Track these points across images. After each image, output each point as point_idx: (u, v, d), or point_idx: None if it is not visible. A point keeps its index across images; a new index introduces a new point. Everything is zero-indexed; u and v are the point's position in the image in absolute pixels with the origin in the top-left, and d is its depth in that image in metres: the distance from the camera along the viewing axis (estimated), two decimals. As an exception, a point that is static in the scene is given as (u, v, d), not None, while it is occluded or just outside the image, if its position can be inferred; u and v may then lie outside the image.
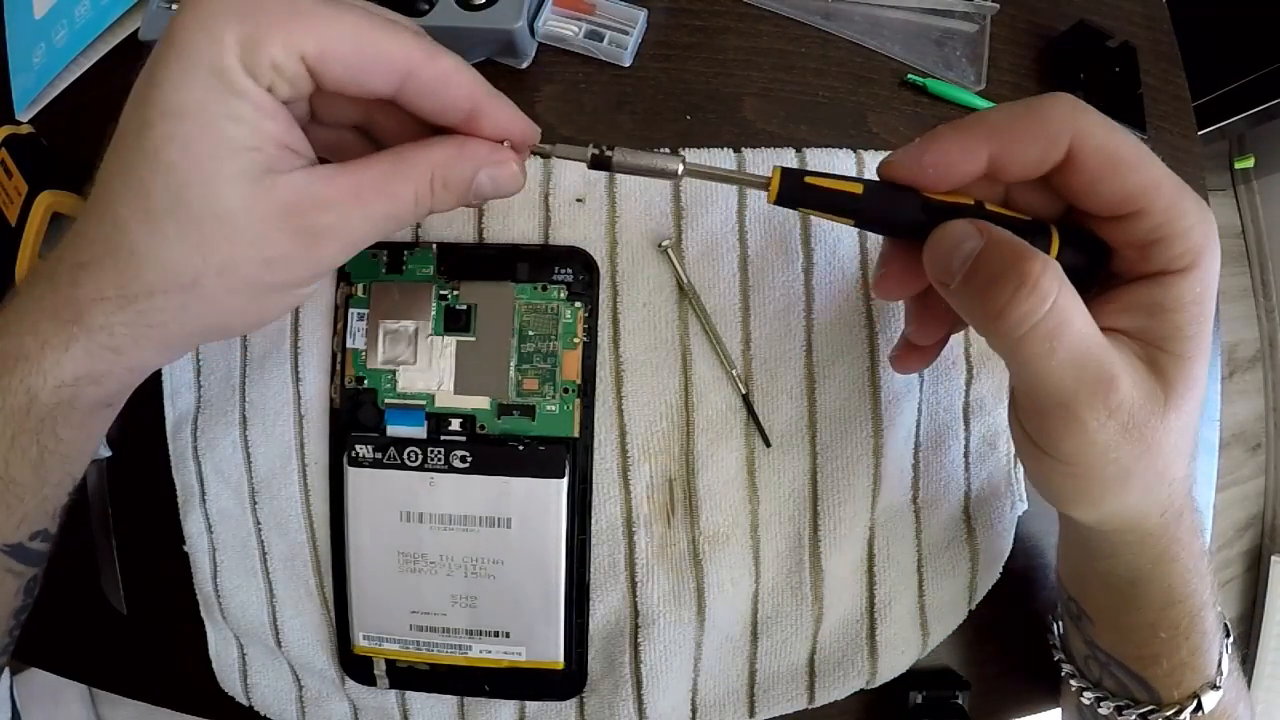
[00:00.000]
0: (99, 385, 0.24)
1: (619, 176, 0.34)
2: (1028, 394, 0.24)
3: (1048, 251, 0.23)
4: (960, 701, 0.35)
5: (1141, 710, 0.29)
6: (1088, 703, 0.31)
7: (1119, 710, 0.30)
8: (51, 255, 0.24)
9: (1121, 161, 0.22)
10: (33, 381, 0.23)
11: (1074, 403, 0.22)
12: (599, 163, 0.25)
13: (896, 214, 0.24)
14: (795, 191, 0.24)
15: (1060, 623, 0.34)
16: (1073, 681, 0.32)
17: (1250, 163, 1.33)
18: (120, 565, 0.37)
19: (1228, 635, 0.30)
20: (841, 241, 0.34)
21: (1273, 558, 1.29)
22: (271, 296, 0.25)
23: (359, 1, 0.23)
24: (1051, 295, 0.21)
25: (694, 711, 0.35)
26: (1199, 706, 0.28)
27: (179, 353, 0.26)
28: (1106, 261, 0.24)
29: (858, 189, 0.24)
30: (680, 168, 0.25)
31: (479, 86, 0.24)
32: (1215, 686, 0.28)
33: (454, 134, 0.25)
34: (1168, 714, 0.29)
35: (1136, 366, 0.23)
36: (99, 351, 0.23)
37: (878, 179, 0.25)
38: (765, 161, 0.35)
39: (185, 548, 0.36)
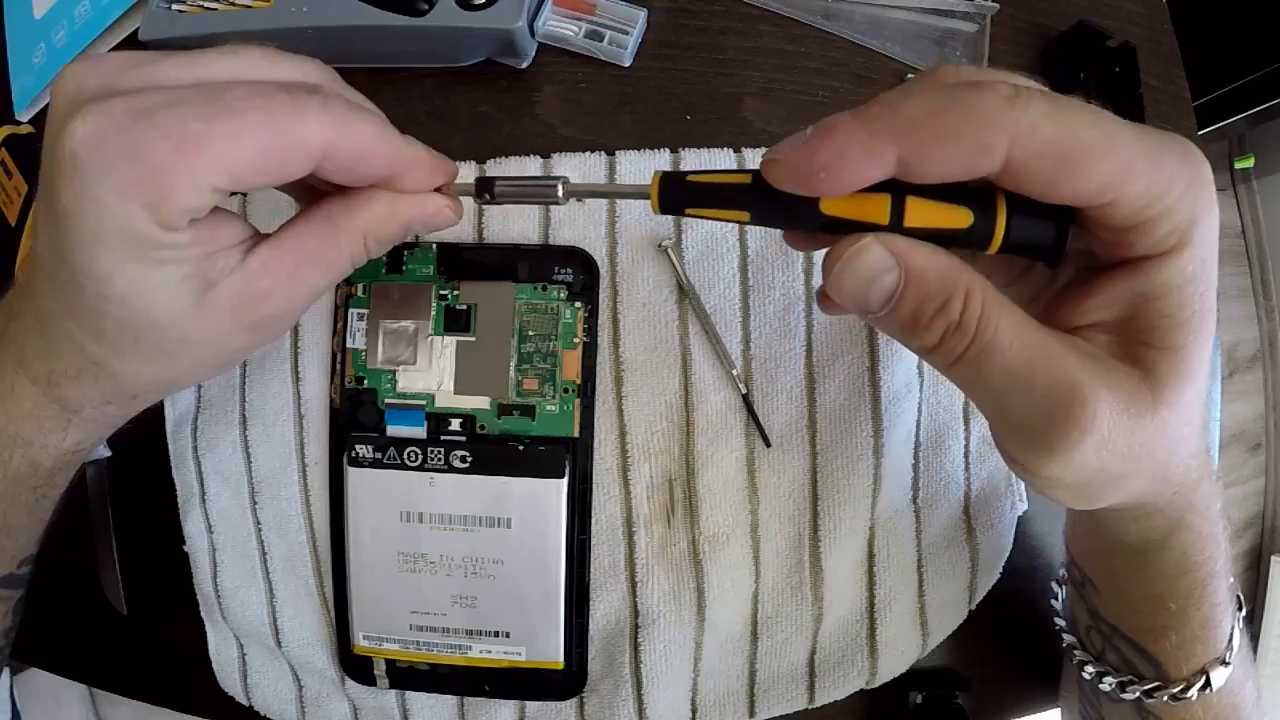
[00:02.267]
0: (96, 442, 0.28)
1: (619, 176, 0.34)
2: (985, 417, 0.23)
3: (992, 224, 0.20)
4: (960, 701, 0.35)
5: (1145, 687, 0.28)
6: (1088, 678, 0.30)
7: (1121, 687, 0.29)
8: (26, 357, 0.25)
9: (1081, 155, 0.18)
10: (35, 455, 0.26)
11: (1039, 430, 0.20)
12: (482, 190, 0.24)
13: (794, 212, 0.21)
14: (678, 193, 0.22)
15: (1064, 588, 0.32)
16: (1075, 653, 0.31)
17: (1250, 163, 1.32)
18: (120, 565, 0.37)
19: (1240, 608, 0.28)
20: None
21: (1273, 558, 1.29)
22: (238, 357, 0.28)
23: (250, 68, 0.22)
24: (972, 324, 0.19)
25: (694, 711, 0.35)
26: (1207, 683, 0.27)
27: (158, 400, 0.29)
28: (1070, 223, 0.20)
29: (746, 179, 0.21)
30: (560, 190, 0.24)
31: (395, 150, 0.23)
32: (1225, 663, 0.27)
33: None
34: (1174, 691, 0.27)
35: (1112, 371, 0.20)
36: (93, 427, 0.26)
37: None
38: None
39: (185, 548, 0.36)
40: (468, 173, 0.35)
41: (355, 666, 0.35)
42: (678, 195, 0.22)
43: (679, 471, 0.34)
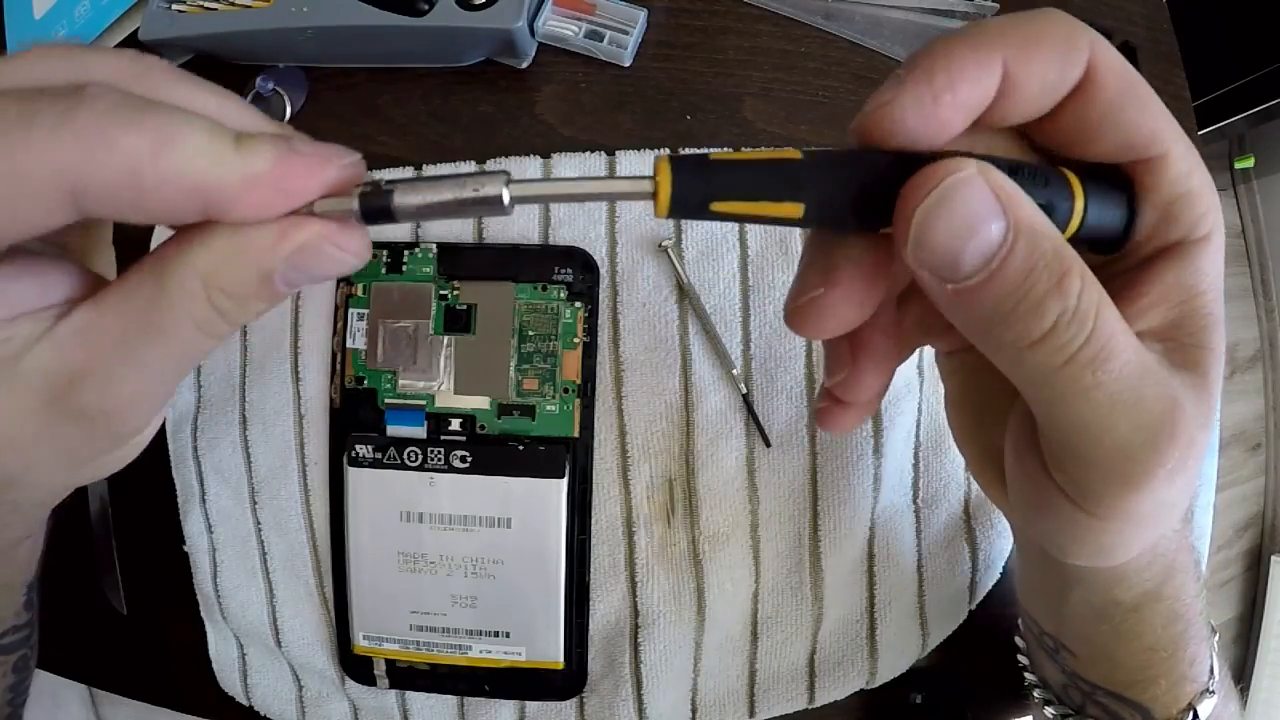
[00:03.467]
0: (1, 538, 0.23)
1: (618, 175, 0.34)
2: (1061, 438, 0.18)
3: (1070, 198, 0.17)
4: (960, 702, 0.35)
5: None
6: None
7: None
8: None
9: (1138, 87, 0.17)
10: None
11: (1138, 453, 0.16)
12: (371, 212, 0.16)
13: (865, 186, 0.16)
14: (698, 182, 0.15)
15: (1027, 643, 0.31)
16: (1048, 710, 0.29)
17: (1250, 163, 1.32)
18: (120, 565, 0.37)
19: (1213, 633, 0.27)
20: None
21: (1273, 558, 1.29)
22: (103, 461, 0.21)
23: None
24: (1091, 314, 0.15)
25: (694, 711, 0.35)
26: (1195, 718, 0.26)
27: (57, 501, 0.23)
28: (1135, 220, 0.18)
29: (795, 154, 0.16)
30: (506, 195, 0.16)
31: (198, 158, 0.15)
32: (1210, 691, 0.26)
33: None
34: None
35: (1184, 382, 0.17)
36: None
37: (815, 148, 0.17)
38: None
39: (185, 548, 0.36)
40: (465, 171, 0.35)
41: (355, 666, 0.35)
42: (699, 185, 0.16)
43: (679, 471, 0.34)
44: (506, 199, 0.16)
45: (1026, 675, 0.31)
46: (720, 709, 0.35)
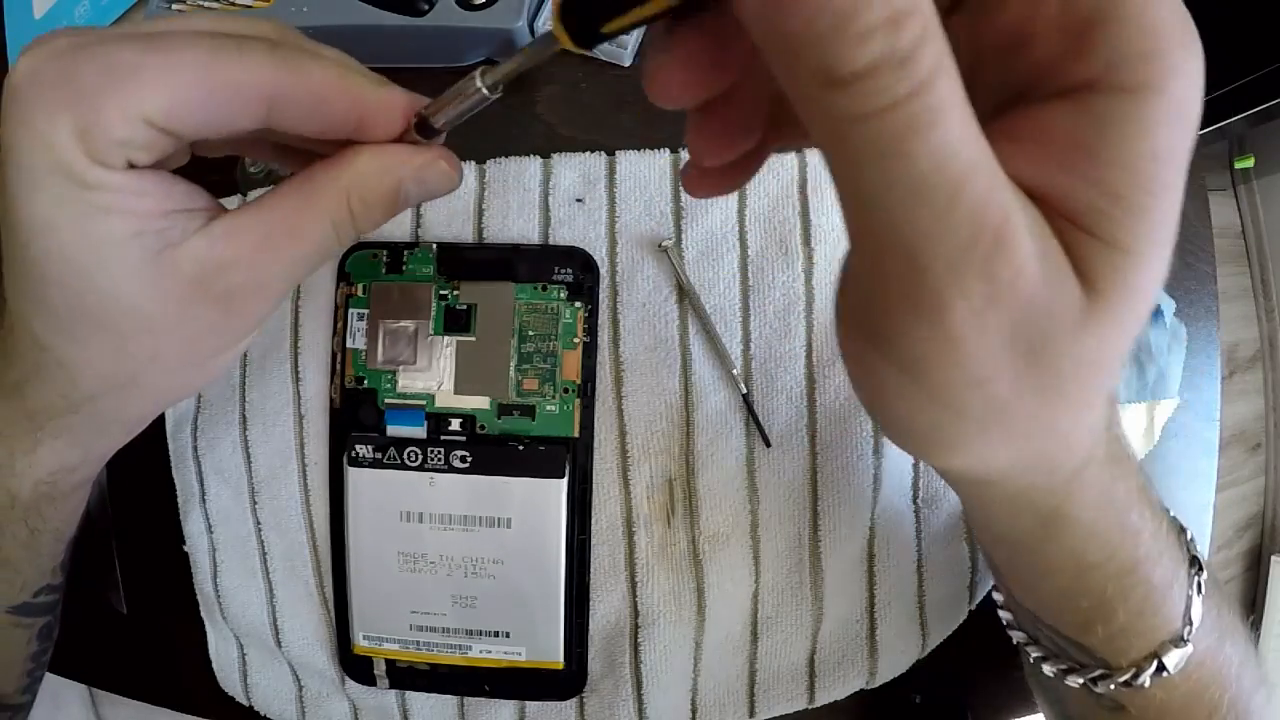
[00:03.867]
0: (73, 474, 0.25)
1: (619, 176, 0.34)
2: (861, 235, 0.15)
3: None
4: (960, 701, 0.35)
5: (1090, 675, 0.25)
6: (1032, 661, 0.27)
7: (1063, 674, 0.26)
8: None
9: None
10: (10, 483, 0.25)
11: (934, 260, 0.13)
12: (422, 129, 0.21)
13: None
14: (585, 14, 0.17)
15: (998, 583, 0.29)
16: (1012, 633, 0.28)
17: (1250, 163, 1.33)
18: (120, 565, 0.37)
19: (1198, 570, 0.24)
20: (842, 242, 0.34)
21: (1273, 558, 1.29)
22: (211, 362, 0.24)
23: (199, 25, 0.20)
24: (923, 68, 0.12)
25: (694, 711, 0.35)
26: (1161, 668, 0.24)
27: (141, 427, 0.26)
28: None
29: None
30: (480, 83, 0.20)
31: (359, 90, 0.20)
32: (1182, 641, 0.23)
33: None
34: (1123, 679, 0.24)
35: (1046, 238, 0.14)
36: (65, 449, 0.24)
37: None
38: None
39: (185, 548, 0.36)
40: (465, 171, 0.35)
41: (355, 666, 0.35)
42: (586, 17, 0.16)
43: (679, 471, 0.34)
44: (482, 84, 0.20)
45: (994, 595, 0.29)
46: (720, 709, 0.35)
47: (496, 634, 0.34)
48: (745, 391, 0.34)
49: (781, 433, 0.34)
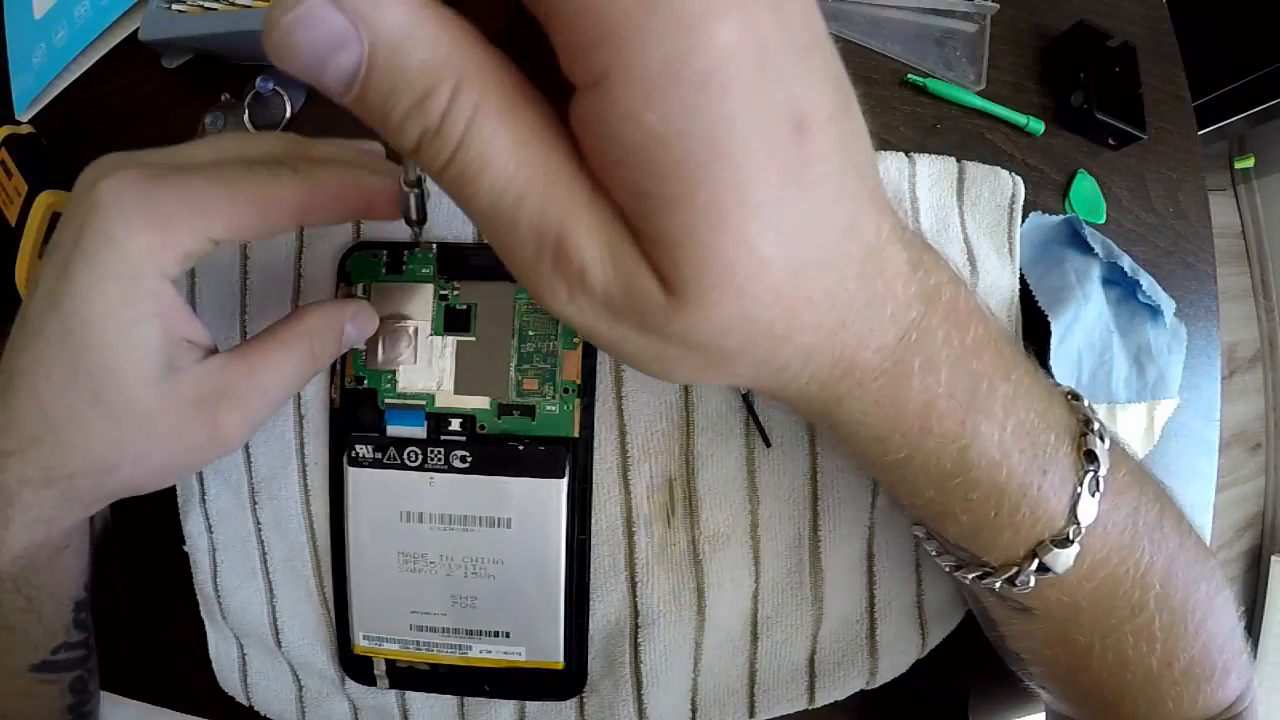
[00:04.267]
0: (44, 547, 0.27)
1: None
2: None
3: None
4: (960, 701, 0.35)
5: (974, 573, 0.25)
6: (932, 555, 0.28)
7: (954, 570, 0.26)
8: None
9: None
10: None
11: (521, 267, 0.17)
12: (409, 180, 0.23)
13: None
14: None
15: None
16: (914, 529, 0.28)
17: (1250, 163, 1.33)
18: (120, 565, 0.37)
19: (1093, 466, 0.23)
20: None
21: (1273, 558, 1.29)
22: (178, 473, 0.29)
23: (235, 156, 0.25)
24: (456, 133, 0.15)
25: (694, 711, 0.35)
26: (1043, 568, 0.23)
27: (97, 509, 0.28)
28: None
29: None
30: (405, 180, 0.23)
31: (361, 181, 0.25)
32: (1065, 541, 0.23)
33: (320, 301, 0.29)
34: (1006, 577, 0.24)
35: (614, 231, 0.16)
36: (34, 525, 0.26)
37: None
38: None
39: (185, 548, 0.36)
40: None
41: (355, 666, 0.35)
42: None
43: (679, 471, 0.34)
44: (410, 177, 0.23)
45: (913, 529, 0.29)
46: (720, 709, 0.35)
47: (496, 634, 0.34)
48: (745, 391, 0.34)
49: (781, 433, 0.34)
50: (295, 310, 0.28)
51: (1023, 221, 0.36)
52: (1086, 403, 0.25)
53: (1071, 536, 0.23)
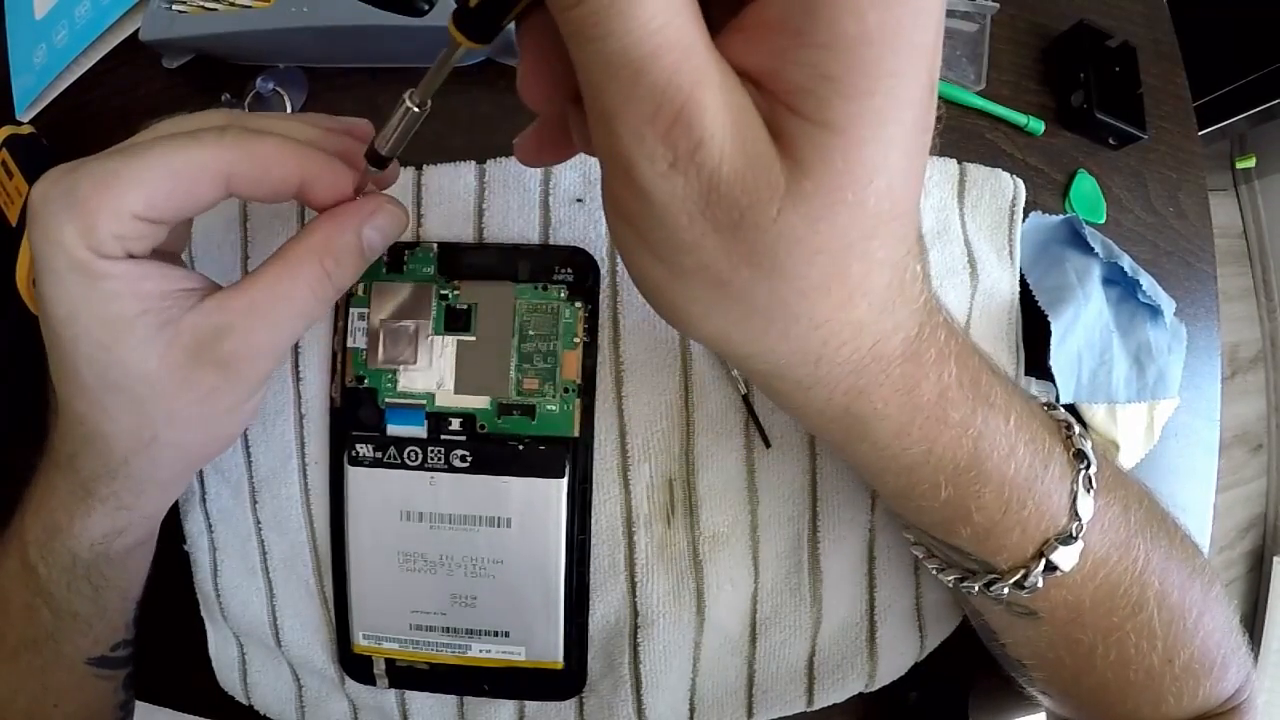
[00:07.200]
0: (124, 535, 0.29)
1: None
2: (587, 109, 0.17)
3: None
4: (960, 701, 0.35)
5: (981, 581, 0.25)
6: (934, 573, 0.28)
7: (959, 583, 0.26)
8: (55, 446, 0.28)
9: None
10: (71, 544, 0.28)
11: (622, 127, 0.15)
12: (373, 160, 0.24)
13: None
14: (472, 15, 0.18)
15: None
16: (913, 549, 0.28)
17: (1251, 162, 1.33)
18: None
19: (1085, 465, 0.23)
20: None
21: (1274, 559, 1.29)
22: (225, 420, 0.27)
23: (159, 127, 0.25)
24: None
25: (692, 712, 0.35)
26: (1051, 566, 0.23)
27: (181, 487, 0.31)
28: None
29: None
30: (410, 102, 0.22)
31: (300, 158, 0.24)
32: (1070, 539, 0.23)
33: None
34: (1014, 581, 0.24)
35: (745, 117, 0.15)
36: (113, 512, 0.28)
37: None
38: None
39: (185, 547, 0.36)
40: (466, 171, 0.35)
41: (355, 666, 0.35)
42: (474, 12, 0.17)
43: (679, 471, 0.34)
44: (413, 103, 0.22)
45: (904, 533, 0.29)
46: (719, 709, 0.35)
47: (496, 634, 0.34)
48: (745, 391, 0.34)
49: (781, 433, 0.34)
50: (306, 224, 0.25)
51: (1023, 222, 0.36)
52: (1061, 410, 0.26)
53: (1075, 533, 0.23)
